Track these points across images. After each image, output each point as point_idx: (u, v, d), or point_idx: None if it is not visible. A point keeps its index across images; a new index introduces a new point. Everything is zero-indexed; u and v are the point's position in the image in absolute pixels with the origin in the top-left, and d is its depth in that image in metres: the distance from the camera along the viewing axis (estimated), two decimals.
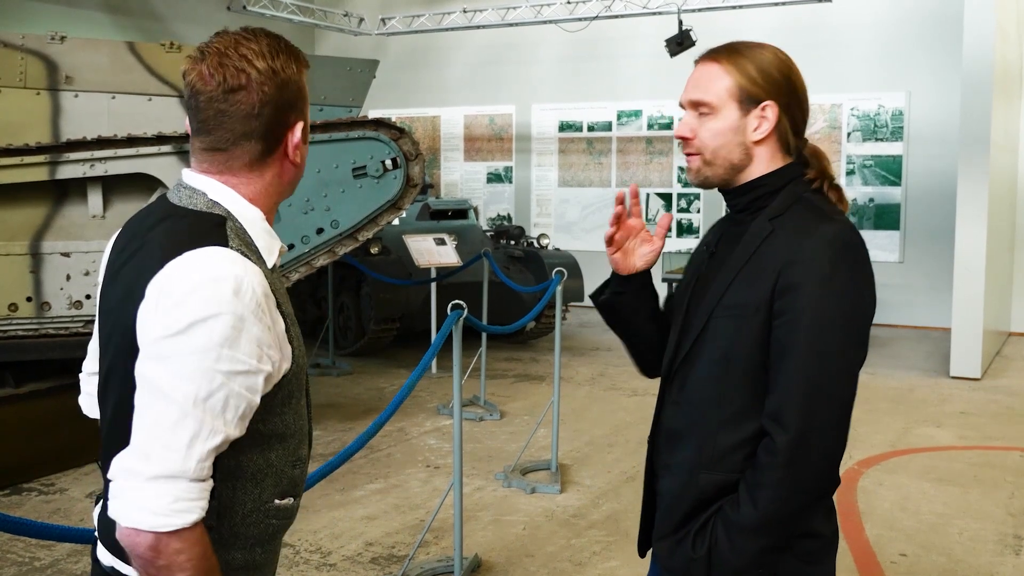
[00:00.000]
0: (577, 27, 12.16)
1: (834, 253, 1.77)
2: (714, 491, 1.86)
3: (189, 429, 1.43)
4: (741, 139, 1.89)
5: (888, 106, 11.44)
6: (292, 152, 1.63)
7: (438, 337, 4.18)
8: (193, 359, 1.43)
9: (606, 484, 5.64)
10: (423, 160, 6.29)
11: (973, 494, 5.50)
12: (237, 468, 1.56)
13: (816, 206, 1.86)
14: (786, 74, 1.90)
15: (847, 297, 1.77)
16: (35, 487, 5.49)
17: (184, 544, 1.43)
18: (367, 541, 4.76)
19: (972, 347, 8.66)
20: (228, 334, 1.44)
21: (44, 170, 5.72)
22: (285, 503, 1.64)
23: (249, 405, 1.49)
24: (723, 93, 1.88)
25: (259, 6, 11.77)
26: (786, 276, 1.77)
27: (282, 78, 1.58)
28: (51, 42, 6.15)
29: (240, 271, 1.48)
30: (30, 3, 11.09)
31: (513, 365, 9.16)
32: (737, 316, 1.83)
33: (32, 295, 5.72)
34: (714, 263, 1.97)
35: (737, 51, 1.90)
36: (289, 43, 1.64)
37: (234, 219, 1.57)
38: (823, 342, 1.74)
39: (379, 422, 3.66)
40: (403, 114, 14.14)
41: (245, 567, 1.62)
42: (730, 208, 1.99)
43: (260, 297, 1.49)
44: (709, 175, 1.93)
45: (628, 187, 2.06)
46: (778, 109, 1.88)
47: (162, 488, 1.42)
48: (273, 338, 1.52)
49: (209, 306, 1.44)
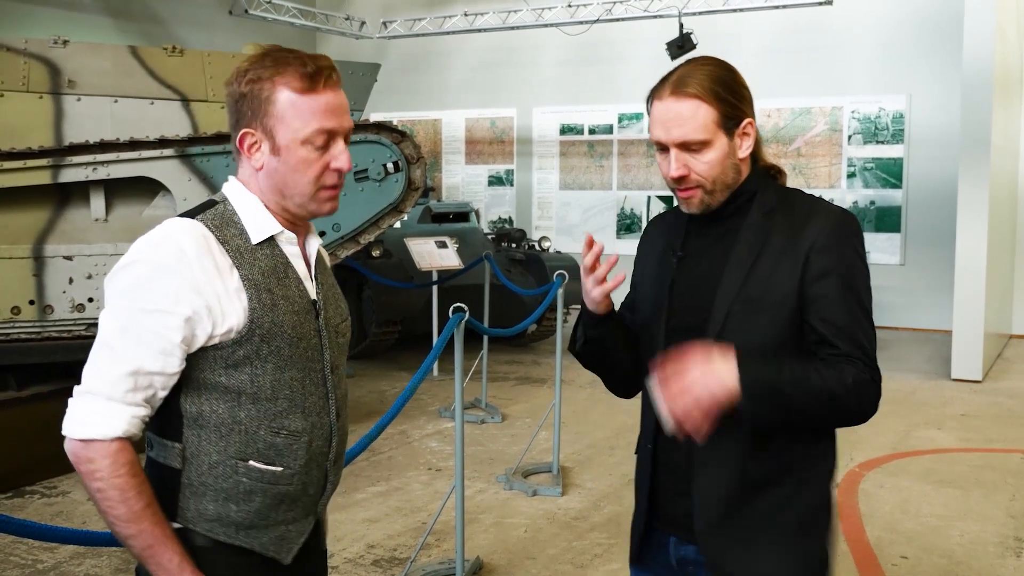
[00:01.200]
0: (578, 30, 12.18)
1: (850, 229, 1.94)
2: (763, 478, 1.93)
3: (105, 356, 1.67)
4: (733, 161, 1.96)
5: (889, 109, 11.45)
6: (248, 154, 1.80)
7: (440, 340, 4.19)
8: (115, 298, 1.70)
9: (607, 487, 5.65)
10: (424, 163, 6.31)
11: (974, 496, 5.51)
12: (200, 416, 1.74)
13: (799, 195, 2.02)
14: (742, 82, 1.97)
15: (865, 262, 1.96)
16: (38, 490, 5.50)
17: (95, 455, 1.64)
18: (369, 543, 4.77)
19: (973, 349, 8.67)
20: (142, 277, 1.68)
21: (47, 174, 5.74)
22: (267, 468, 1.77)
23: (167, 342, 1.67)
24: (710, 125, 1.92)
25: (261, 10, 11.79)
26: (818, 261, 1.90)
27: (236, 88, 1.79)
28: (54, 46, 6.18)
29: (173, 230, 1.72)
30: (33, 7, 11.11)
31: (514, 368, 9.17)
32: (765, 308, 1.91)
33: (35, 298, 5.73)
34: (693, 265, 2.02)
35: (701, 79, 1.92)
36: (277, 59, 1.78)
37: (228, 203, 1.81)
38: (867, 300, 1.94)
39: (381, 425, 3.67)
40: (404, 117, 14.16)
41: (220, 520, 1.76)
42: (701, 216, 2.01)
43: (188, 251, 1.69)
44: (711, 203, 1.98)
45: (588, 240, 2.00)
46: (753, 121, 1.97)
47: (83, 402, 1.67)
48: (203, 288, 1.69)
49: (132, 255, 1.71)
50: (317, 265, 1.90)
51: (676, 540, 2.06)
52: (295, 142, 1.76)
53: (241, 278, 1.73)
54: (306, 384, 1.81)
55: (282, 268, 1.81)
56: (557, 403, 5.85)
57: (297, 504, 1.83)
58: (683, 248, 2.05)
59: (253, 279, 1.75)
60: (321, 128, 1.76)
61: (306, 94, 1.75)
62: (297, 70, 1.75)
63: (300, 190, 1.79)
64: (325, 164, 1.79)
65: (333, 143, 1.80)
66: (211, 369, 1.72)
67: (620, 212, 13.03)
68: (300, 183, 1.78)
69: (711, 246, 2.01)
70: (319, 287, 1.89)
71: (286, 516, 1.81)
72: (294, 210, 1.82)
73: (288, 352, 1.77)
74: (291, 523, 1.82)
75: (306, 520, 1.86)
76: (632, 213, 12.95)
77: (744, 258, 1.94)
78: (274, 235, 1.81)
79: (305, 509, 1.85)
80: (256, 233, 1.79)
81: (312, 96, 1.76)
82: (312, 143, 1.76)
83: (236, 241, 1.76)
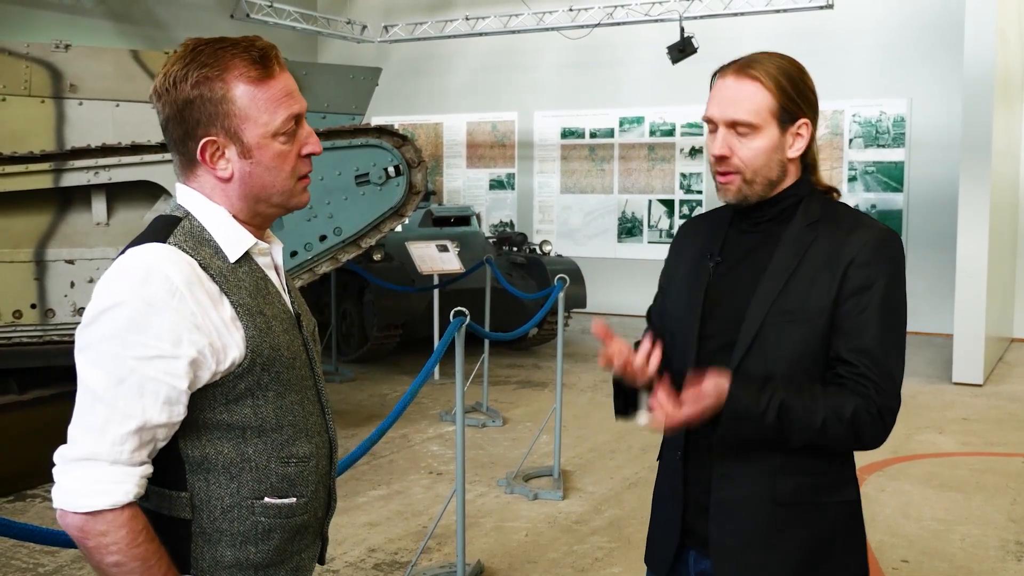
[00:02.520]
0: (579, 34, 12.19)
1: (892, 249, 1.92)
2: (792, 494, 1.90)
3: (101, 414, 1.48)
4: (780, 157, 1.91)
5: (890, 112, 11.45)
6: (210, 166, 1.62)
7: (440, 344, 4.19)
8: (102, 347, 1.49)
9: (608, 490, 5.65)
10: (425, 167, 6.31)
11: (975, 500, 5.50)
12: (205, 460, 1.59)
13: (847, 210, 1.97)
14: (811, 86, 1.94)
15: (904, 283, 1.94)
16: (39, 493, 5.51)
17: (109, 526, 1.48)
18: (370, 547, 4.77)
19: (974, 353, 8.66)
20: (133, 319, 1.48)
21: (48, 178, 5.74)
22: (283, 503, 1.64)
23: (172, 390, 1.51)
24: (764, 112, 1.88)
25: (262, 14, 11.81)
26: (855, 276, 1.87)
27: (180, 94, 1.59)
28: (55, 50, 6.18)
29: (155, 260, 1.52)
30: (35, 12, 11.13)
31: (515, 372, 9.17)
32: (800, 320, 1.87)
33: (36, 302, 5.74)
34: (732, 271, 1.97)
35: (769, 66, 1.90)
36: (214, 54, 1.60)
37: (192, 218, 1.63)
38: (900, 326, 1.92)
39: (382, 428, 3.67)
40: (406, 121, 14.17)
41: (238, 565, 1.62)
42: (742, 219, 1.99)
43: (177, 284, 1.51)
44: (749, 194, 1.93)
45: (598, 326, 1.94)
46: (811, 126, 1.92)
47: (81, 470, 1.48)
48: (201, 324, 1.52)
49: (114, 295, 1.50)
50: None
51: (696, 554, 2.01)
52: (266, 138, 1.61)
53: (233, 305, 1.58)
54: (305, 405, 1.69)
55: (263, 284, 1.66)
56: (558, 407, 5.85)
57: (308, 531, 1.73)
58: (721, 253, 2.00)
59: (244, 304, 1.60)
60: (289, 115, 1.63)
61: (263, 83, 1.61)
62: (244, 59, 1.60)
63: (280, 187, 1.65)
64: (297, 152, 1.66)
65: (300, 128, 1.66)
66: (210, 408, 1.58)
67: (621, 216, 13.03)
68: (279, 180, 1.65)
69: (750, 253, 1.96)
70: (291, 295, 1.76)
71: (299, 546, 1.71)
72: (270, 212, 1.68)
73: (286, 376, 1.65)
74: (304, 551, 1.73)
75: (315, 545, 1.77)
76: (633, 217, 12.95)
77: (783, 268, 1.89)
78: (249, 249, 1.66)
79: (314, 534, 1.76)
80: (232, 250, 1.63)
81: (270, 83, 1.61)
82: (284, 134, 1.63)
83: (216, 263, 1.59)
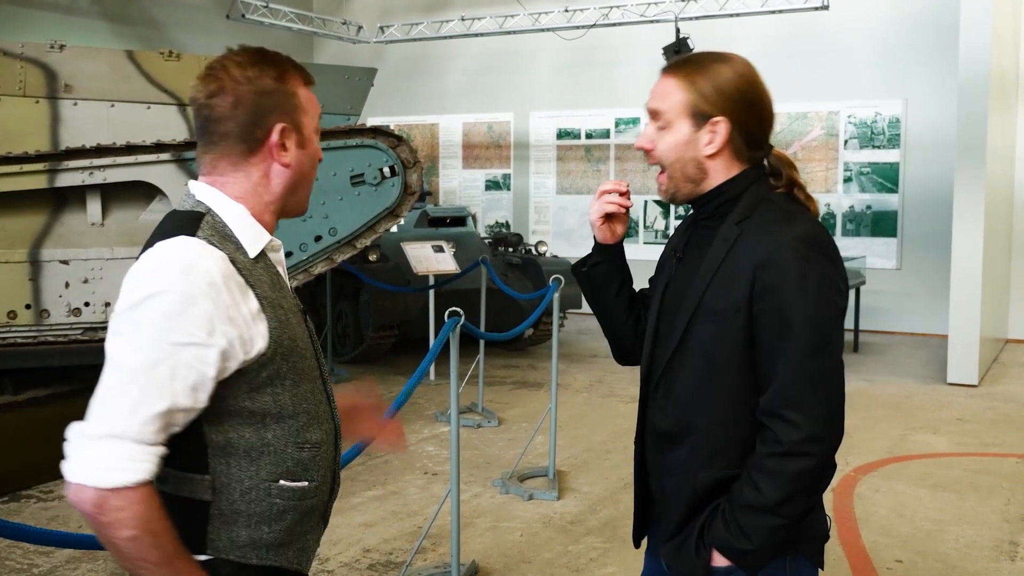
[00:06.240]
0: (575, 35, 12.20)
1: (805, 251, 1.83)
2: (712, 487, 1.92)
3: (133, 393, 1.55)
4: (694, 154, 1.95)
5: (885, 113, 11.47)
6: (276, 153, 1.75)
7: (435, 344, 4.20)
8: (143, 330, 1.56)
9: (603, 491, 5.65)
10: (421, 168, 6.32)
11: (969, 501, 5.52)
12: (228, 444, 1.67)
13: (781, 207, 1.93)
14: (743, 90, 1.93)
15: (823, 293, 1.83)
16: (34, 494, 5.50)
17: (125, 502, 1.53)
18: (365, 548, 4.77)
19: (969, 354, 8.68)
20: (175, 308, 1.56)
21: (43, 178, 5.74)
22: (296, 485, 1.73)
23: (201, 376, 1.59)
24: (677, 107, 1.94)
25: (258, 15, 11.80)
26: (762, 278, 1.84)
27: (257, 84, 1.72)
28: (50, 51, 6.17)
29: (195, 255, 1.61)
30: (29, 11, 11.12)
31: (511, 372, 9.17)
32: (716, 320, 1.89)
33: (31, 303, 5.73)
34: (684, 268, 2.03)
35: (695, 66, 1.95)
36: (275, 57, 1.77)
37: (214, 214, 1.71)
38: (812, 338, 1.82)
39: None
40: (401, 122, 14.17)
41: (251, 544, 1.71)
42: (696, 215, 2.05)
43: (215, 277, 1.60)
44: (673, 190, 2.00)
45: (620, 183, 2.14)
46: (729, 125, 1.92)
47: (106, 446, 1.53)
48: (233, 316, 1.61)
49: (159, 283, 1.58)
50: None
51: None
52: (312, 132, 1.80)
53: (257, 298, 1.68)
54: (315, 393, 1.79)
55: (276, 279, 1.77)
56: (553, 407, 5.85)
57: (315, 513, 1.82)
58: (684, 249, 2.07)
59: (267, 297, 1.70)
60: (319, 118, 1.83)
61: (308, 87, 1.81)
62: (295, 66, 1.79)
63: (310, 182, 1.83)
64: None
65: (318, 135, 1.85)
66: (234, 396, 1.66)
67: None
68: (312, 174, 1.83)
69: (700, 250, 2.00)
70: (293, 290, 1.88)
71: (307, 527, 1.80)
72: (292, 209, 1.82)
73: (301, 366, 1.75)
74: (310, 533, 1.81)
75: (319, 527, 1.85)
76: (629, 218, 12.96)
77: (709, 266, 1.93)
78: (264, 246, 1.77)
79: (319, 516, 1.84)
80: (252, 247, 1.73)
81: (311, 90, 1.81)
82: (318, 134, 1.82)
83: (240, 257, 1.69)
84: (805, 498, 1.85)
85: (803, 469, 1.82)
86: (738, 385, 1.89)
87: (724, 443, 1.91)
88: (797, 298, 1.81)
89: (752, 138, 1.96)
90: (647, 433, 2.08)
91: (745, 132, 1.94)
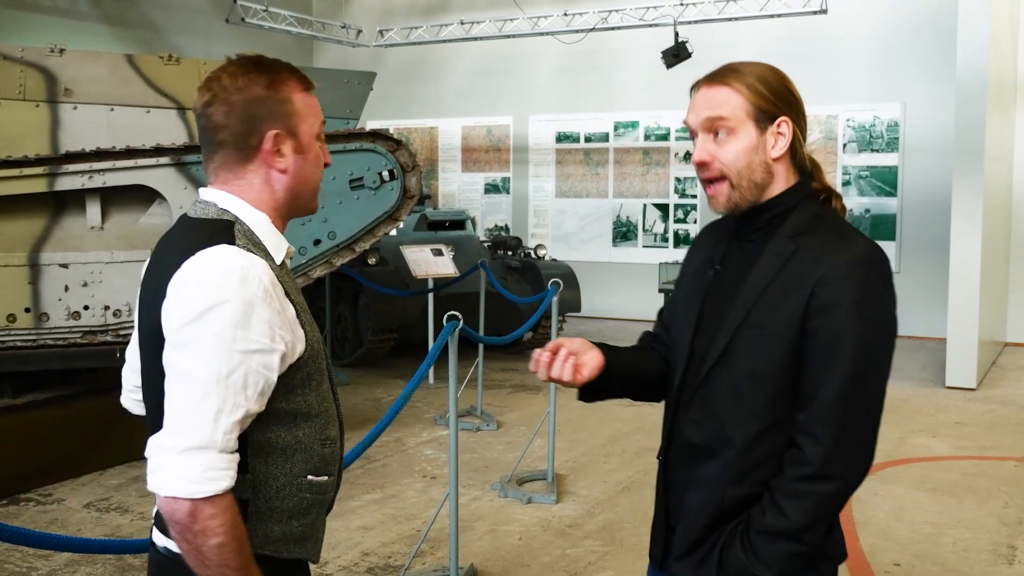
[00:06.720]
0: (574, 39, 12.22)
1: (866, 272, 1.80)
2: (739, 504, 1.88)
3: (214, 404, 1.59)
4: (762, 157, 1.88)
5: (884, 117, 11.48)
6: (271, 160, 1.78)
7: (434, 348, 4.21)
8: (211, 341, 1.60)
9: (602, 494, 5.66)
10: (420, 171, 6.33)
11: (967, 504, 5.52)
12: (267, 444, 1.73)
13: (836, 224, 1.89)
14: (790, 90, 1.91)
15: (880, 316, 1.82)
16: (33, 497, 5.50)
17: (217, 510, 1.59)
18: (363, 551, 4.77)
19: (967, 357, 8.68)
20: (239, 317, 1.61)
21: (43, 182, 5.74)
22: (320, 480, 1.80)
23: (267, 382, 1.66)
24: (740, 112, 1.87)
25: (257, 18, 11.81)
26: (820, 296, 1.79)
27: (247, 92, 1.75)
28: (50, 54, 6.18)
29: (246, 263, 1.65)
30: (29, 15, 11.13)
31: (510, 375, 9.18)
32: (766, 335, 1.84)
33: (31, 306, 5.73)
34: (724, 282, 1.96)
35: (737, 73, 1.89)
36: (270, 65, 1.80)
37: (241, 223, 1.75)
38: (861, 362, 1.79)
39: (376, 432, 3.68)
40: (401, 125, 14.18)
41: (283, 539, 1.78)
42: (741, 228, 1.97)
43: (267, 285, 1.66)
44: (738, 200, 1.90)
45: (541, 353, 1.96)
46: (792, 124, 1.89)
47: (194, 459, 1.58)
48: (284, 321, 1.68)
49: (220, 294, 1.61)
50: None
51: None
52: (311, 137, 1.82)
53: (293, 303, 1.74)
54: (329, 391, 1.86)
55: (294, 283, 1.82)
56: (552, 411, 5.86)
57: (328, 507, 1.90)
58: (721, 262, 1.98)
59: (299, 302, 1.77)
60: (322, 123, 1.85)
61: (307, 92, 1.83)
62: (294, 73, 1.81)
63: (314, 185, 1.85)
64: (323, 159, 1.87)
65: (321, 140, 1.87)
66: (274, 398, 1.71)
67: (616, 220, 13.05)
68: (314, 179, 1.84)
69: (744, 262, 1.93)
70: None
71: (323, 520, 1.88)
72: (297, 212, 1.87)
73: (322, 366, 1.82)
74: (323, 525, 1.89)
75: (325, 518, 1.92)
76: (628, 221, 12.97)
77: (759, 280, 1.87)
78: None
79: (328, 508, 1.91)
80: (276, 254, 1.78)
81: (311, 95, 1.84)
82: (318, 138, 1.84)
83: (271, 264, 1.73)
84: (825, 525, 1.83)
85: (830, 493, 1.79)
86: (778, 402, 1.84)
87: (757, 460, 1.86)
88: (853, 320, 1.78)
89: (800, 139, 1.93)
90: (673, 446, 2.01)
91: (801, 131, 1.91)
